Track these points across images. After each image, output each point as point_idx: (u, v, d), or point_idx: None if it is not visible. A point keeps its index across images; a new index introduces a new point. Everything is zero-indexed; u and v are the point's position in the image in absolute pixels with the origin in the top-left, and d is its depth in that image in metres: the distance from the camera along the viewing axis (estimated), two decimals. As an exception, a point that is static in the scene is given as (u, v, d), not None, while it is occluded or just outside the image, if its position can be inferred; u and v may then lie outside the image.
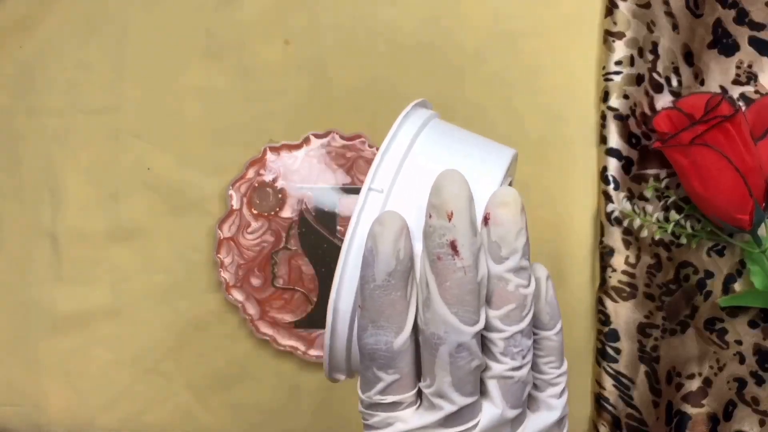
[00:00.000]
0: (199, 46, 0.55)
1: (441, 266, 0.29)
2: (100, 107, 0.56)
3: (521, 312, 0.30)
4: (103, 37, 0.56)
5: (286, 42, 0.55)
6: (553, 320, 0.33)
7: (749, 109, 0.50)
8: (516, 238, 0.30)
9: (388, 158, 0.33)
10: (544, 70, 0.54)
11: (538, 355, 0.33)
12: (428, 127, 0.35)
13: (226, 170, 0.55)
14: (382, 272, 0.30)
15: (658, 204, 0.52)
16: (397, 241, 0.29)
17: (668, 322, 0.52)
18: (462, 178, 0.29)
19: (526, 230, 0.30)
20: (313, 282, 0.54)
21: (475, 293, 0.29)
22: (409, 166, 0.33)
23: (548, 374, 0.33)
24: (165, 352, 0.55)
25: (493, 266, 0.30)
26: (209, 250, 0.55)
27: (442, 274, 0.29)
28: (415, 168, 0.33)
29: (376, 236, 0.30)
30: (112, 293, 0.55)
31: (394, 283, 0.30)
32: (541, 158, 0.54)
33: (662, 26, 0.53)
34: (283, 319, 0.54)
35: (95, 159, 0.56)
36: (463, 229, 0.29)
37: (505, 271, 0.30)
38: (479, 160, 0.34)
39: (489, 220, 0.30)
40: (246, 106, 0.55)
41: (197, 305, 0.55)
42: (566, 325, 0.51)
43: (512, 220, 0.30)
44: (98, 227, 0.56)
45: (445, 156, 0.34)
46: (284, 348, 0.54)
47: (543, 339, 0.33)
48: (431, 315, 0.30)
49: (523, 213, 0.30)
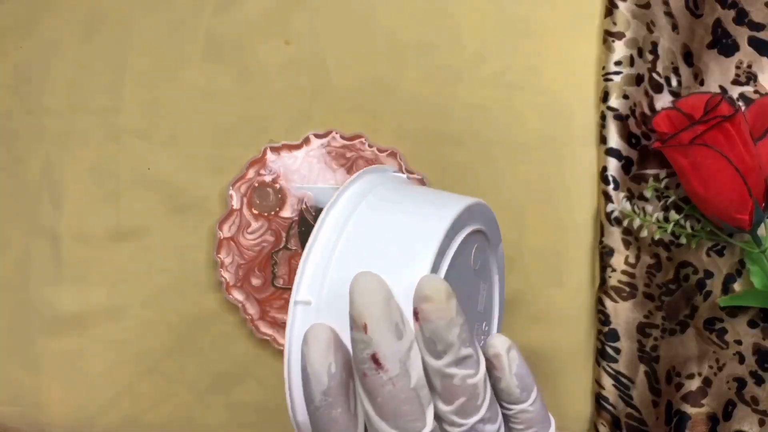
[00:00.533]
0: (199, 46, 0.55)
1: (368, 383, 0.28)
2: (100, 107, 0.56)
3: (475, 402, 0.29)
4: (103, 37, 0.56)
5: (287, 42, 0.55)
6: (525, 391, 0.31)
7: (749, 109, 0.50)
8: (448, 331, 0.28)
9: (311, 265, 0.32)
10: (544, 70, 0.54)
11: (517, 429, 0.31)
12: (356, 215, 0.34)
13: (227, 170, 0.54)
14: (317, 392, 0.28)
15: (657, 204, 0.52)
16: (326, 357, 0.28)
17: (668, 321, 0.52)
18: (374, 283, 0.27)
19: (459, 315, 0.28)
20: (313, 282, 0.54)
21: (411, 401, 0.28)
22: (334, 267, 0.32)
23: None
24: (165, 352, 0.55)
25: (433, 362, 0.28)
26: (209, 250, 0.55)
27: (372, 391, 0.28)
28: (340, 268, 0.32)
29: (303, 356, 0.28)
30: (112, 293, 0.55)
31: (331, 401, 0.28)
32: (541, 158, 0.54)
33: (662, 26, 0.53)
34: (283, 318, 0.53)
35: (95, 159, 0.56)
36: (381, 340, 0.27)
37: (445, 366, 0.28)
38: (410, 241, 0.32)
39: (418, 315, 0.28)
40: (246, 106, 0.55)
41: (197, 305, 0.55)
42: (566, 325, 0.53)
43: (439, 314, 0.28)
44: (98, 227, 0.56)
45: (371, 247, 0.32)
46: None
47: (520, 412, 0.31)
48: (374, 431, 0.28)
49: (451, 300, 0.28)
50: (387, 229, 0.33)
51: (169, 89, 0.55)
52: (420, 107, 0.54)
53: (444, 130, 0.54)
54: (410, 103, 0.54)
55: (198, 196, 0.55)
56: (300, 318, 0.31)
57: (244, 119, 0.55)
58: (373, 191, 0.35)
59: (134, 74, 0.56)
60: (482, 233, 0.38)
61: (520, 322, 0.53)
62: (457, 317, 0.28)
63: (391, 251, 0.32)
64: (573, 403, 0.53)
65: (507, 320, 0.51)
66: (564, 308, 0.53)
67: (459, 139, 0.54)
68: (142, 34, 0.56)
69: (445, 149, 0.54)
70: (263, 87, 0.55)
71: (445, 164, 0.54)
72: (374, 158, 0.53)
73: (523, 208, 0.54)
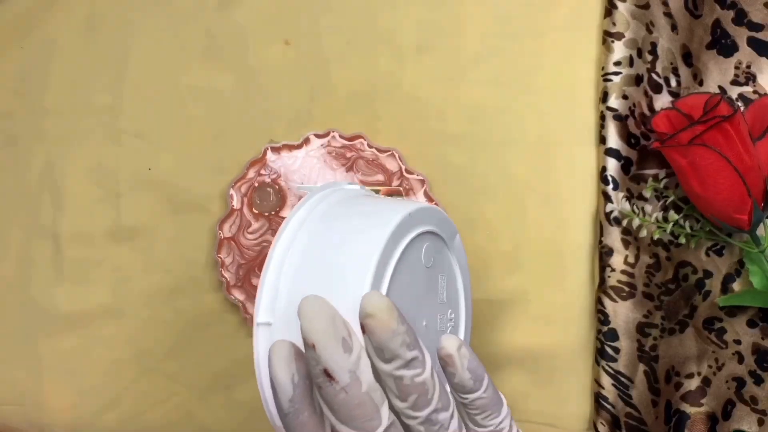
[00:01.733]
0: (199, 46, 0.55)
1: (325, 394, 0.31)
2: (101, 107, 0.56)
3: (427, 396, 0.32)
4: (103, 36, 0.56)
5: (287, 42, 0.55)
6: (477, 382, 0.34)
7: (748, 110, 0.49)
8: (392, 341, 0.31)
9: (266, 289, 0.35)
10: (544, 70, 0.54)
11: (474, 414, 0.35)
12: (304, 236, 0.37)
13: (227, 170, 0.54)
14: (284, 401, 0.32)
15: (657, 204, 0.52)
16: (288, 369, 0.31)
17: (667, 321, 0.52)
18: (317, 306, 0.31)
19: (401, 325, 0.31)
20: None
21: (366, 404, 0.31)
22: (286, 290, 0.35)
23: (489, 426, 0.35)
24: (166, 351, 0.55)
25: (383, 366, 0.32)
26: (210, 250, 0.55)
27: (328, 400, 0.31)
28: (291, 290, 0.35)
29: (270, 370, 0.32)
30: (112, 293, 0.55)
31: (298, 407, 0.32)
32: (540, 158, 0.54)
33: (661, 27, 0.53)
34: None
35: (96, 159, 0.56)
36: (329, 356, 0.30)
37: (395, 369, 0.31)
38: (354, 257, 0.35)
39: (364, 329, 0.31)
40: (246, 107, 0.55)
41: (198, 305, 0.55)
42: (565, 325, 0.53)
43: (382, 328, 0.31)
44: (99, 227, 0.55)
45: (318, 267, 0.36)
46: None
47: (474, 400, 0.34)
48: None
49: (392, 313, 0.31)
50: (332, 247, 0.36)
51: (169, 89, 0.55)
52: (420, 107, 0.54)
53: (444, 130, 0.54)
54: (410, 104, 0.54)
55: (198, 197, 0.55)
56: (263, 338, 0.35)
57: (245, 119, 0.55)
58: (323, 210, 0.38)
59: (134, 74, 0.56)
60: (432, 233, 0.41)
61: (520, 321, 0.53)
62: (399, 327, 0.31)
63: (335, 269, 0.35)
64: (572, 403, 0.53)
65: (507, 319, 0.53)
66: (564, 308, 0.53)
67: (459, 139, 0.54)
68: (142, 34, 0.56)
69: (445, 149, 0.54)
70: (263, 87, 0.55)
71: (445, 164, 0.54)
72: (374, 158, 0.53)
73: (523, 208, 0.54)
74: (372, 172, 0.53)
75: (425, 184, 0.53)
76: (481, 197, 0.54)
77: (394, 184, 0.52)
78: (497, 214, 0.54)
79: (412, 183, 0.53)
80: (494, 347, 0.53)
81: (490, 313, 0.53)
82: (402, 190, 0.53)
